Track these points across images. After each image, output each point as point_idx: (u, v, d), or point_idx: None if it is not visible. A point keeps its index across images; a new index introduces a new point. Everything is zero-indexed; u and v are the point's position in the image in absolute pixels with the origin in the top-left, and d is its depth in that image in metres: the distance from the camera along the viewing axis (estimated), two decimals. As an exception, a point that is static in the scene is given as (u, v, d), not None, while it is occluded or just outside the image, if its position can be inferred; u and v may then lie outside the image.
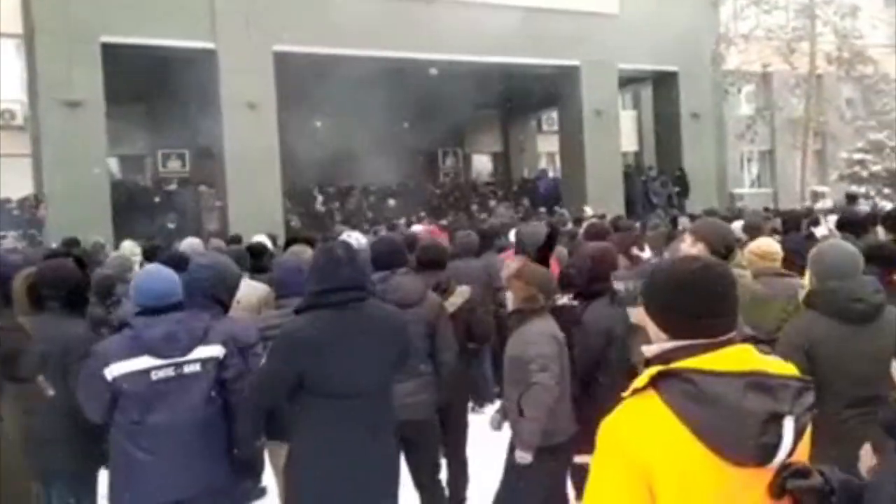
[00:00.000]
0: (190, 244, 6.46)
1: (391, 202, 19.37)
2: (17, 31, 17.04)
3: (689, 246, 3.65)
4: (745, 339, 1.84)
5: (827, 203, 18.20)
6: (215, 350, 3.08)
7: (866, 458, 1.93)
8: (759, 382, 1.54)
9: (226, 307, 3.59)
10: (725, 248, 3.59)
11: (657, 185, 19.76)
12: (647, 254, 5.79)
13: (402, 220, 14.61)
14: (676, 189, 19.78)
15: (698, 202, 17.69)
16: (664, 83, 20.06)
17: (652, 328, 1.71)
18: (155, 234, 13.13)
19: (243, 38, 14.28)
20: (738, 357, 1.60)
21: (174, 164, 19.27)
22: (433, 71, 17.11)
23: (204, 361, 3.04)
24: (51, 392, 3.31)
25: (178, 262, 4.15)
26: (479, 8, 15.93)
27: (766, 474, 1.54)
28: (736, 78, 21.38)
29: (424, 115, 19.20)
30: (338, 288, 3.02)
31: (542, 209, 17.68)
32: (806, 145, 21.43)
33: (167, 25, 13.76)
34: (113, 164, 17.57)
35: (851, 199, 14.37)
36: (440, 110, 19.04)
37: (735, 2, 21.00)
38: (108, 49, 13.52)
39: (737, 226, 8.15)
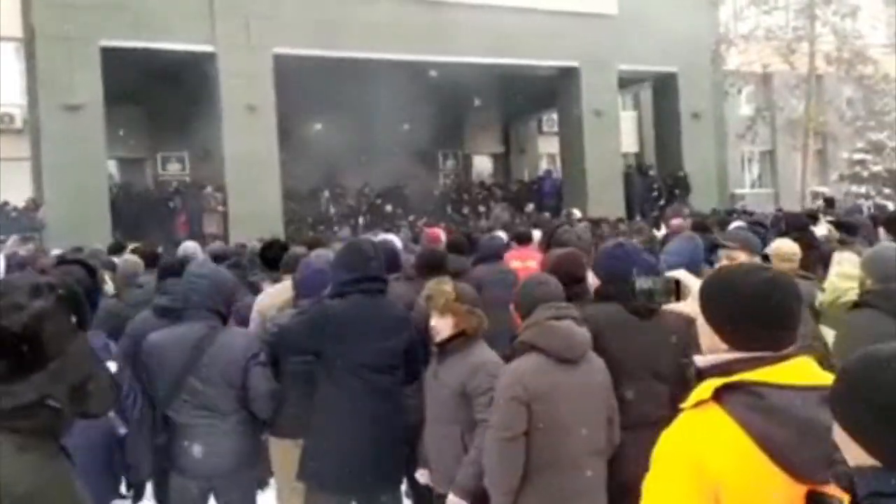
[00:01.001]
0: (185, 248, 6.45)
1: (388, 207, 19.35)
2: (17, 34, 17.15)
3: (733, 256, 3.65)
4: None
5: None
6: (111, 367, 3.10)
7: None
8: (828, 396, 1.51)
9: (224, 318, 3.59)
10: (764, 255, 3.60)
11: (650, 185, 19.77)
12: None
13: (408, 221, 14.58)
14: (676, 190, 19.77)
15: (699, 203, 17.66)
16: (664, 84, 20.05)
17: (708, 338, 1.66)
18: (155, 239, 13.12)
19: (243, 41, 14.28)
20: (803, 370, 1.57)
21: (174, 167, 19.28)
22: (433, 73, 17.12)
23: None
24: (122, 430, 3.34)
25: (179, 270, 4.14)
26: (478, 10, 15.95)
27: (833, 488, 1.45)
28: (736, 78, 21.40)
29: (424, 117, 19.19)
30: (367, 277, 3.52)
31: (547, 213, 17.66)
32: (806, 146, 21.41)
33: (167, 29, 13.77)
34: (112, 166, 17.57)
35: (829, 202, 14.27)
36: (440, 112, 19.05)
37: (735, 2, 21.00)
38: (107, 52, 13.53)
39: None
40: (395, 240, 6.68)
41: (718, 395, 1.53)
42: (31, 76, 16.12)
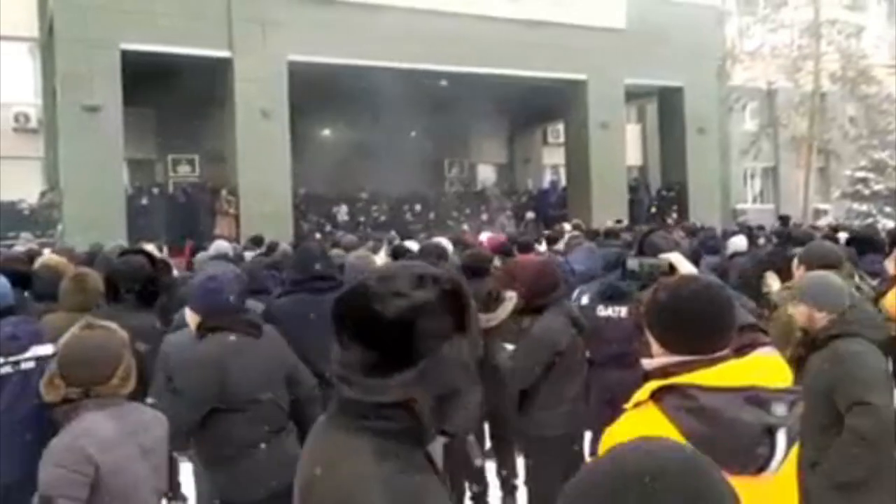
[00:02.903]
0: (218, 247, 6.65)
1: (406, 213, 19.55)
2: (32, 34, 17.42)
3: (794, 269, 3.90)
4: (746, 327, 2.04)
5: (828, 220, 18.39)
6: (48, 349, 3.20)
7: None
8: (754, 396, 1.64)
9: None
10: (825, 266, 3.78)
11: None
12: None
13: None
14: (674, 205, 19.99)
15: (701, 216, 17.84)
16: (670, 98, 20.24)
17: (653, 343, 1.80)
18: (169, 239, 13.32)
19: (259, 48, 14.51)
20: (736, 372, 1.68)
21: (184, 169, 19.47)
22: (443, 82, 17.34)
23: (38, 359, 3.19)
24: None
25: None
26: (489, 21, 16.18)
27: (760, 483, 1.62)
28: (741, 94, 21.64)
29: (432, 125, 19.41)
30: (313, 277, 3.86)
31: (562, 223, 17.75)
32: (809, 162, 21.62)
33: (185, 34, 13.98)
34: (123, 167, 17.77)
35: (783, 219, 14.41)
36: (448, 120, 19.25)
37: (741, 19, 21.25)
38: (124, 55, 13.73)
39: (736, 241, 8.37)
40: (445, 241, 6.90)
41: (656, 396, 1.66)
42: (47, 77, 16.37)
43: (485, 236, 10.17)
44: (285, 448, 3.14)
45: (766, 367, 1.77)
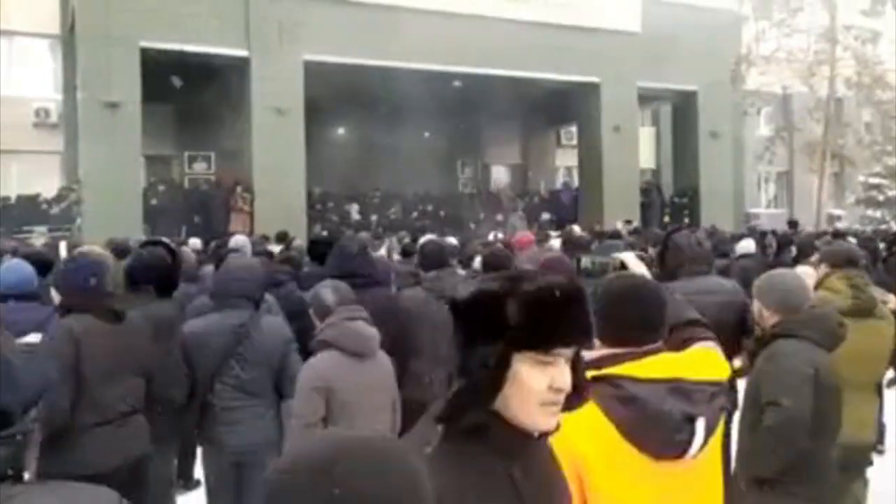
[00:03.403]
0: (236, 242, 6.83)
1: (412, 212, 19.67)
2: (53, 31, 17.71)
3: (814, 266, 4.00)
4: (689, 323, 2.18)
5: (842, 226, 18.37)
6: (36, 338, 3.31)
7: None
8: (678, 388, 1.76)
9: (258, 305, 3.88)
10: (848, 264, 3.84)
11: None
12: None
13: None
14: (687, 210, 19.99)
15: (714, 221, 17.84)
16: (684, 102, 20.24)
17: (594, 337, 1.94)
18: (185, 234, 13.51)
19: (275, 47, 14.69)
20: (663, 365, 1.80)
21: (200, 166, 19.69)
22: (456, 83, 17.46)
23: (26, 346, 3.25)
24: None
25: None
26: (504, 24, 16.28)
27: (682, 467, 1.76)
28: (755, 99, 21.61)
29: (446, 126, 19.55)
30: (351, 274, 3.99)
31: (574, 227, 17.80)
32: (823, 168, 21.56)
33: (204, 33, 14.18)
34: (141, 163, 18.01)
35: (792, 224, 14.49)
36: (461, 121, 19.37)
37: (757, 24, 21.22)
38: (143, 52, 13.95)
39: (744, 244, 8.46)
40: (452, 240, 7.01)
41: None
42: (68, 72, 16.63)
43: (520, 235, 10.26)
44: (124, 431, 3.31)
45: (698, 360, 1.90)
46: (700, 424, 1.76)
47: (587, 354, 1.84)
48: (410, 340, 4.28)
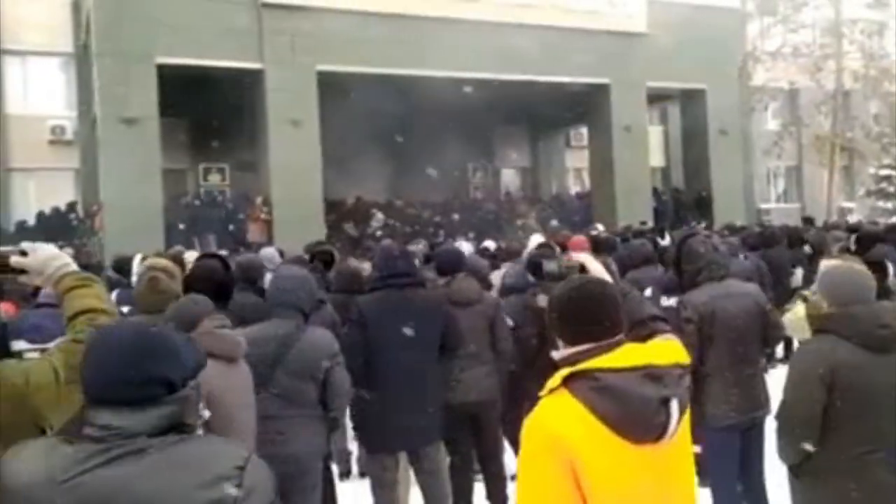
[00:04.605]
0: (265, 254, 6.97)
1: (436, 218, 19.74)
2: (66, 49, 17.94)
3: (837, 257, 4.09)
4: (652, 318, 2.31)
5: (854, 218, 18.41)
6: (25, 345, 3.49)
7: None
8: (651, 373, 1.85)
9: (307, 316, 3.91)
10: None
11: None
12: None
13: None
14: (698, 211, 20.03)
15: (725, 218, 17.91)
16: (692, 100, 20.30)
17: (557, 338, 2.00)
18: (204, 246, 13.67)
19: (288, 59, 14.86)
20: (632, 354, 1.89)
21: (215, 178, 19.87)
22: (467, 88, 17.58)
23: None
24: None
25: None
26: (512, 28, 16.39)
27: (661, 450, 1.85)
28: (763, 94, 21.67)
29: (456, 131, 19.64)
30: (391, 275, 4.24)
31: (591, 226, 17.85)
32: (832, 161, 21.62)
33: (218, 47, 14.35)
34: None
35: (807, 221, 14.52)
36: (472, 126, 19.46)
37: (762, 20, 21.31)
38: (159, 68, 14.12)
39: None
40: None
41: (566, 382, 1.85)
42: (83, 89, 16.85)
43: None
44: None
45: (661, 350, 2.01)
46: (674, 405, 1.85)
47: (559, 354, 1.99)
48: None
